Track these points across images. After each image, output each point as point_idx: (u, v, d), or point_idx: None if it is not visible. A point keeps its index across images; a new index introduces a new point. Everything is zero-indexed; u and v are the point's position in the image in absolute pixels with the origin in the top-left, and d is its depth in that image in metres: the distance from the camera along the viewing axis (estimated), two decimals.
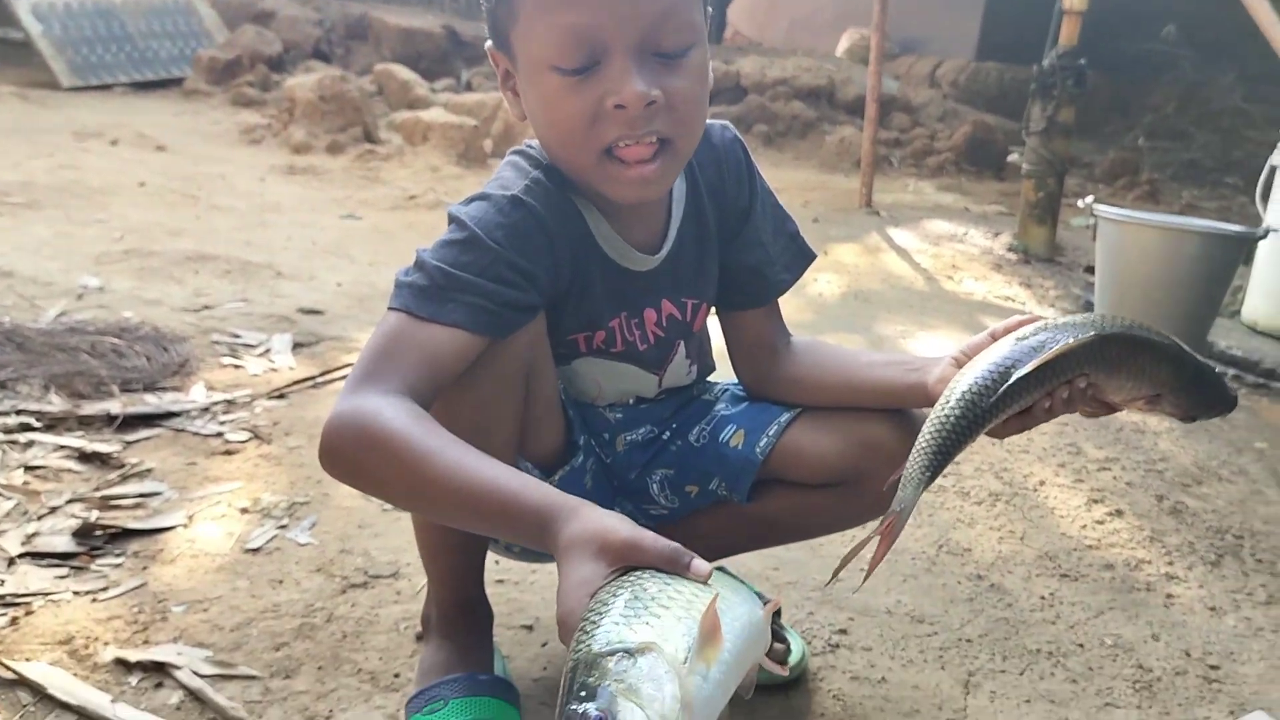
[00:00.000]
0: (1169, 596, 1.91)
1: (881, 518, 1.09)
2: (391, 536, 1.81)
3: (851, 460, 1.31)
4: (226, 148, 5.47)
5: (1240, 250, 3.19)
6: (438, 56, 7.15)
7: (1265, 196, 3.82)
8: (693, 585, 0.86)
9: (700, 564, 0.88)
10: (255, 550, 1.73)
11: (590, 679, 0.77)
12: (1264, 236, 3.28)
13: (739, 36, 11.86)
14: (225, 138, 5.69)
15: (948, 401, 1.08)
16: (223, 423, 2.21)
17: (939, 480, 2.20)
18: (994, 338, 1.16)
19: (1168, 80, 8.71)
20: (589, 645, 0.79)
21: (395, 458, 0.97)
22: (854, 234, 4.82)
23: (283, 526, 1.82)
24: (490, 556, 1.49)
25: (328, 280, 3.31)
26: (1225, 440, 2.73)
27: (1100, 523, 2.15)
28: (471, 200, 1.17)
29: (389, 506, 1.91)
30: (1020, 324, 1.14)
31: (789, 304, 1.46)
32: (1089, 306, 3.63)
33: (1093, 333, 1.09)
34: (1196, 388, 1.18)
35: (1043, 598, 1.85)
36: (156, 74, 6.78)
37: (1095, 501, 2.24)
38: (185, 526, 1.78)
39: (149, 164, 4.77)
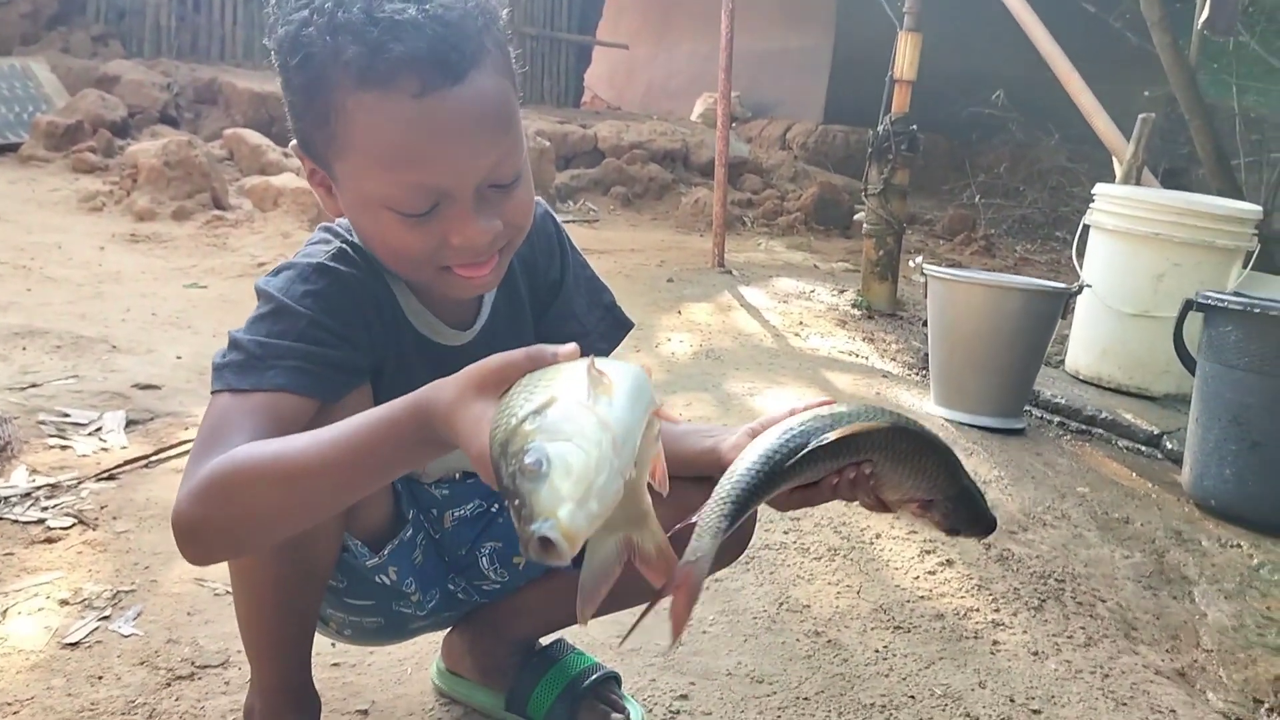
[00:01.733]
0: (995, 643, 1.99)
1: (675, 571, 1.10)
2: (222, 623, 1.75)
3: (669, 524, 1.34)
4: (65, 216, 5.26)
5: (1059, 304, 3.39)
6: (289, 107, 7.01)
7: (1081, 253, 4.09)
8: (567, 365, 0.91)
9: (565, 347, 0.93)
10: (74, 645, 1.66)
11: (514, 447, 0.82)
12: (1079, 291, 3.49)
13: (597, 101, 12.07)
14: (64, 205, 5.47)
15: (747, 458, 1.09)
16: (45, 509, 2.12)
17: (781, 537, 2.27)
18: (793, 413, 1.19)
19: (999, 142, 9.23)
20: (503, 429, 0.84)
21: (255, 479, 0.98)
22: (707, 293, 4.93)
23: (105, 618, 1.75)
24: (324, 641, 1.46)
25: (167, 353, 3.21)
26: (1050, 486, 2.88)
27: (932, 573, 2.23)
28: (277, 272, 1.18)
29: (215, 585, 1.85)
30: (820, 404, 1.17)
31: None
32: (925, 359, 3.80)
33: (889, 421, 1.14)
34: (965, 503, 1.22)
35: (877, 651, 1.91)
36: None
37: (927, 552, 2.33)
38: None
39: None
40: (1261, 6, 6.79)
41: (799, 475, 1.11)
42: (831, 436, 1.11)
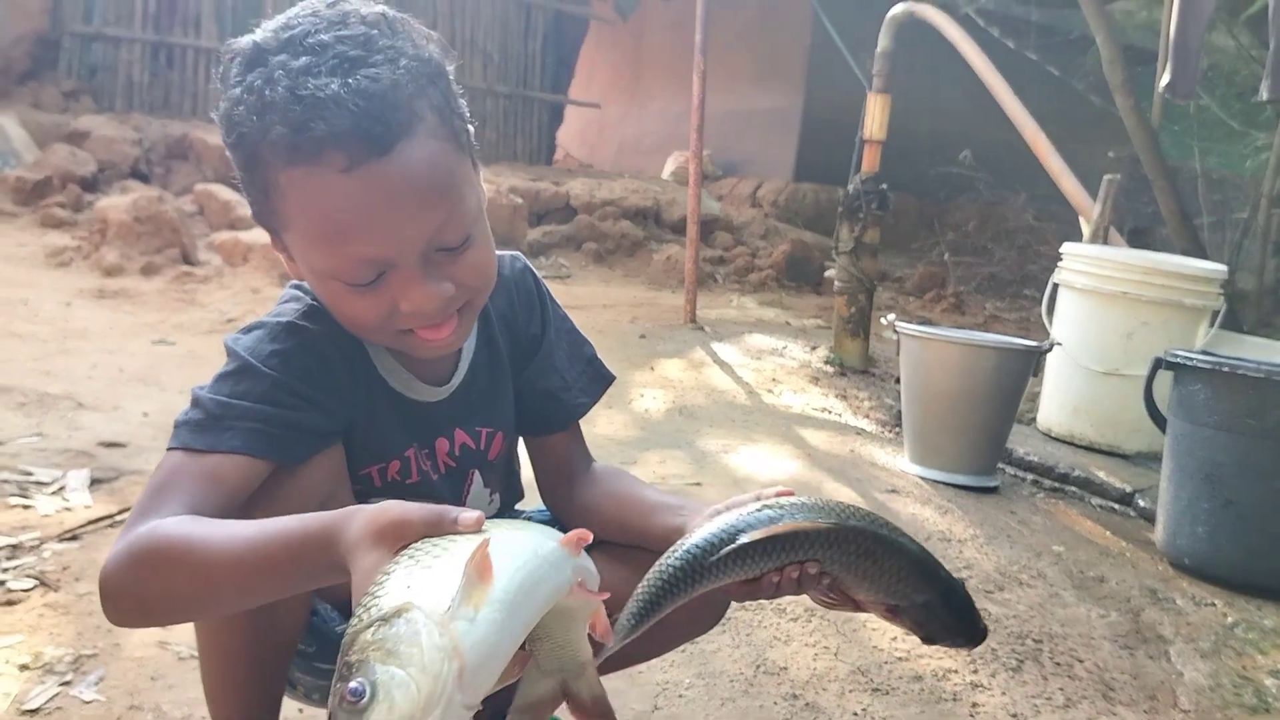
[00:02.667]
0: (974, 705, 1.97)
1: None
2: (186, 688, 1.71)
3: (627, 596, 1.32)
4: (31, 271, 5.21)
5: (1031, 362, 3.42)
6: (238, 183, 6.99)
7: (1051, 311, 4.13)
8: (470, 538, 0.83)
9: (468, 514, 0.86)
10: (33, 712, 1.61)
11: (350, 658, 0.73)
12: (1050, 349, 3.52)
13: (569, 159, 12.16)
14: (30, 261, 5.42)
15: (674, 552, 1.04)
16: (5, 570, 2.06)
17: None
18: (758, 499, 1.13)
19: (967, 200, 9.38)
20: (351, 628, 0.76)
21: (172, 562, 0.95)
22: (679, 349, 4.93)
23: (66, 683, 1.70)
24: (293, 705, 1.42)
25: (134, 410, 3.17)
26: (1025, 545, 2.88)
27: (909, 635, 2.21)
28: (248, 330, 1.17)
29: (180, 649, 1.80)
30: (781, 494, 1.11)
31: (616, 421, 1.48)
32: (899, 416, 3.80)
33: (832, 520, 1.06)
34: (939, 611, 1.14)
35: (855, 714, 1.88)
36: None
37: None
38: None
39: None
40: (1220, 70, 6.98)
41: (729, 574, 1.05)
42: (755, 535, 1.04)
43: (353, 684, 0.71)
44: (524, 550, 0.84)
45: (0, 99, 7.58)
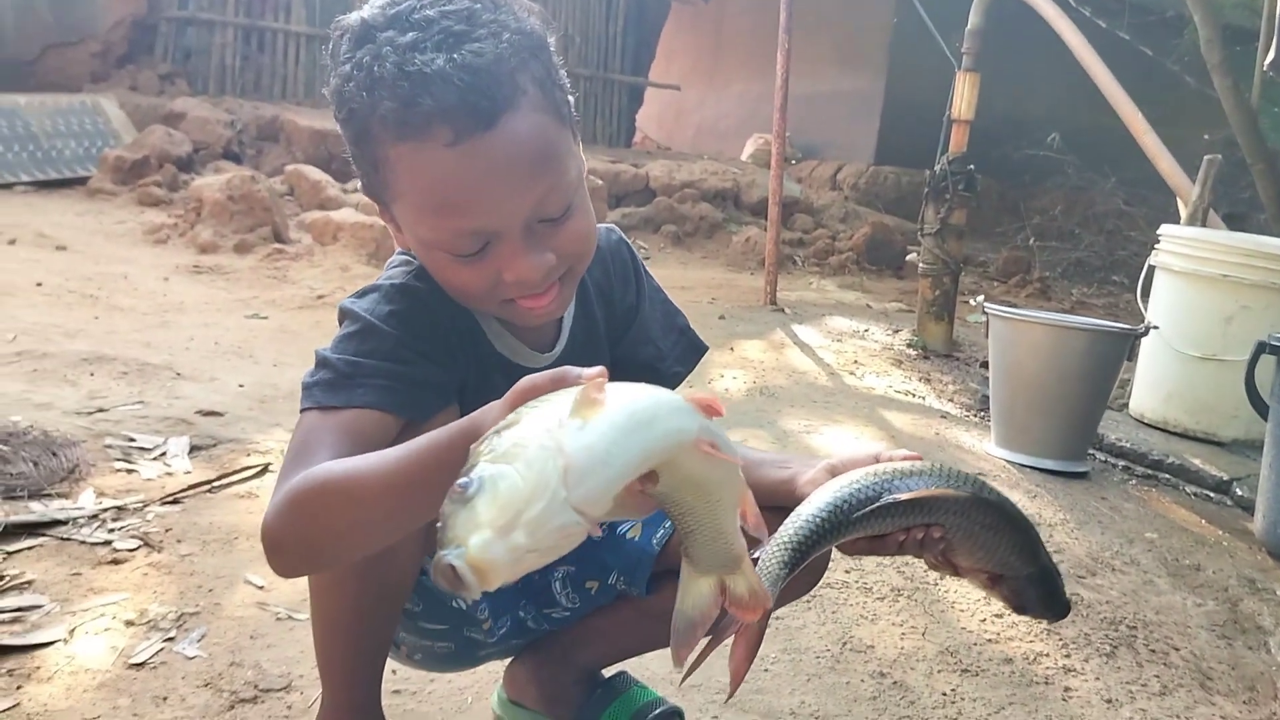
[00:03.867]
0: (1067, 690, 1.94)
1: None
2: (285, 647, 1.75)
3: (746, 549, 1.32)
4: (130, 248, 5.37)
5: (1124, 346, 3.33)
6: (349, 158, 7.13)
7: (1146, 294, 4.02)
8: (577, 388, 0.82)
9: (592, 370, 0.85)
10: (139, 665, 1.66)
11: (465, 469, 0.75)
12: (1145, 333, 3.43)
13: (648, 141, 12.16)
14: (129, 237, 5.59)
15: (815, 503, 1.08)
16: (111, 530, 2.14)
17: (843, 576, 2.23)
18: (877, 460, 1.17)
19: (1054, 184, 9.16)
20: (471, 450, 0.78)
21: (329, 498, 0.98)
22: (759, 330, 4.91)
23: (170, 639, 1.75)
24: (389, 666, 1.45)
25: (229, 381, 3.25)
26: (1117, 531, 2.81)
27: (999, 616, 2.18)
28: (362, 293, 1.20)
29: (279, 609, 1.85)
30: (906, 459, 1.15)
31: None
32: (985, 400, 3.74)
33: (969, 491, 1.11)
34: (1037, 586, 1.19)
35: (944, 694, 1.86)
36: (61, 173, 6.66)
37: None
38: (65, 642, 1.71)
39: (48, 264, 4.65)
40: None
41: (866, 527, 1.09)
42: (905, 496, 1.09)
43: (461, 479, 0.73)
44: (642, 390, 0.84)
45: (100, 81, 7.84)
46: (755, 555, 1.01)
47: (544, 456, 0.73)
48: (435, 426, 1.10)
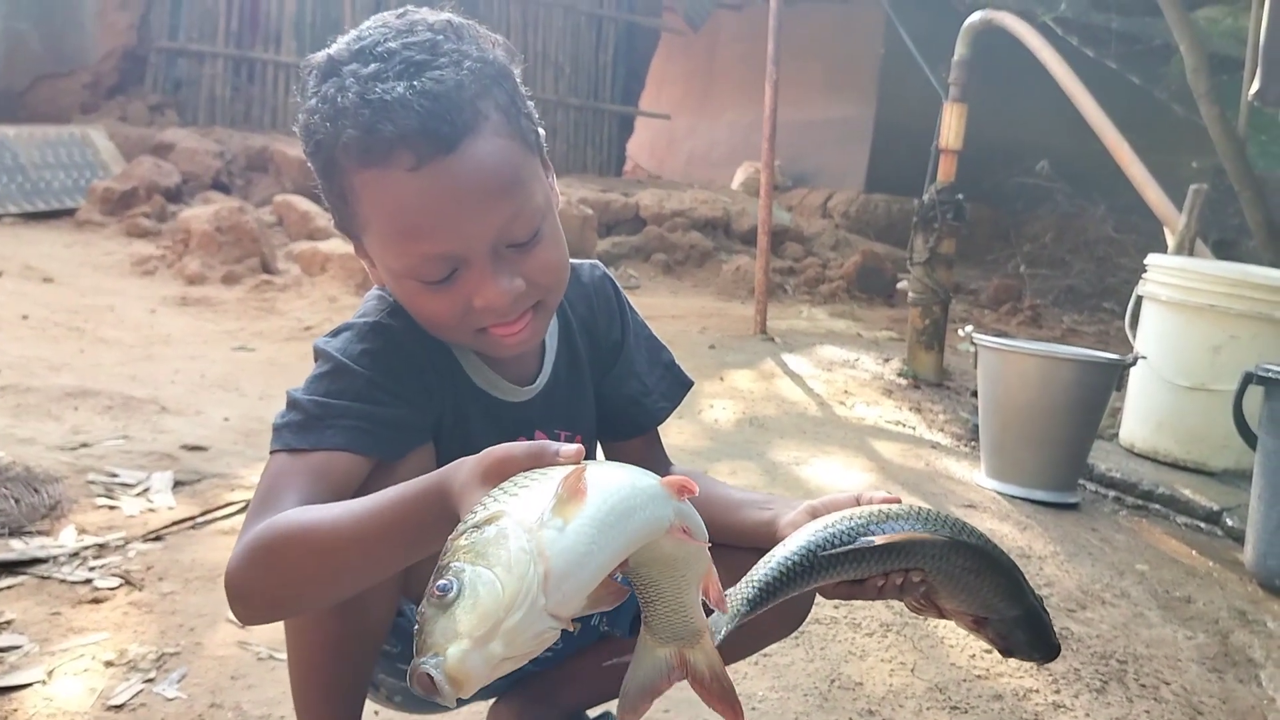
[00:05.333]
0: None
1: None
2: (266, 688, 1.73)
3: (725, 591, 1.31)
4: (117, 279, 5.36)
5: (1113, 376, 3.33)
6: (319, 193, 7.09)
7: (1134, 324, 4.03)
8: (557, 470, 0.83)
9: (569, 446, 0.87)
10: (118, 707, 1.64)
11: (442, 561, 0.76)
12: (1134, 363, 3.43)
13: (638, 170, 12.20)
14: (117, 269, 5.58)
15: (788, 545, 1.07)
16: (92, 568, 2.12)
17: (831, 612, 2.21)
18: (858, 502, 1.16)
19: (1044, 211, 9.21)
20: (449, 537, 0.78)
21: (293, 548, 0.97)
22: (749, 360, 4.90)
23: (149, 680, 1.73)
24: (370, 707, 1.43)
25: (215, 415, 3.23)
26: (1108, 563, 2.80)
27: (988, 651, 2.16)
28: (336, 332, 1.20)
29: (260, 649, 1.83)
30: (886, 500, 1.14)
31: (686, 431, 1.47)
32: (976, 430, 3.74)
33: (947, 534, 1.09)
34: (1024, 628, 1.17)
35: None
36: (49, 204, 6.65)
37: None
38: (44, 683, 1.69)
39: (34, 296, 4.64)
40: None
41: (841, 572, 1.08)
42: (879, 540, 1.07)
43: (441, 581, 0.73)
44: (621, 479, 0.84)
45: (90, 112, 7.85)
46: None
47: (524, 561, 0.74)
48: (408, 466, 1.10)
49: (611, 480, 0.83)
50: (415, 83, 1.04)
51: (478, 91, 1.08)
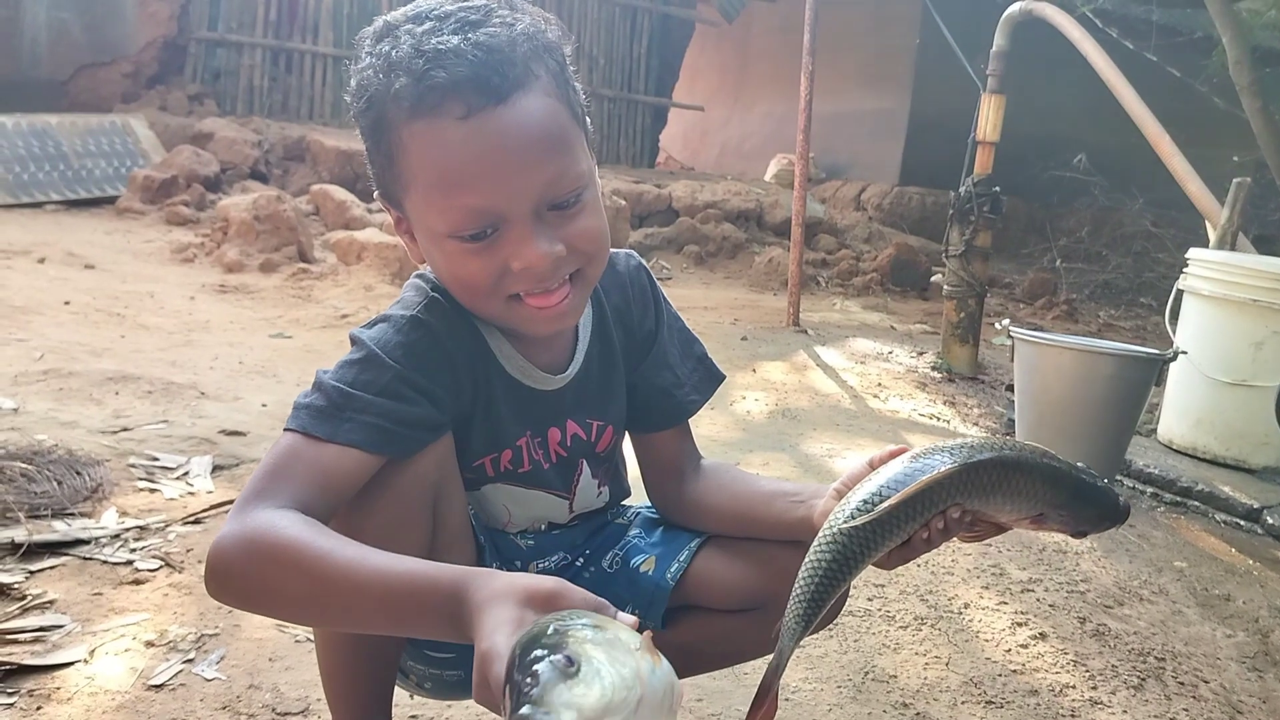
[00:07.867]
0: None
1: (763, 678, 1.07)
2: (303, 670, 1.75)
3: (762, 585, 1.31)
4: (157, 266, 5.42)
5: (1153, 371, 3.29)
6: (367, 162, 7.12)
7: (1174, 318, 3.97)
8: (619, 624, 0.85)
9: (629, 617, 0.87)
10: (158, 687, 1.66)
11: (551, 640, 0.78)
12: (1174, 358, 3.39)
13: (671, 161, 12.18)
14: (157, 256, 5.64)
15: (818, 545, 1.06)
16: (133, 550, 2.14)
17: (865, 604, 2.20)
18: (871, 466, 1.16)
19: (1081, 205, 9.11)
20: (550, 626, 0.80)
21: (291, 563, 0.96)
22: (782, 352, 4.89)
23: (189, 660, 1.75)
24: (402, 694, 1.44)
25: (253, 401, 3.26)
26: (1145, 560, 2.77)
27: (1024, 646, 2.15)
28: (373, 323, 1.20)
29: (297, 632, 1.85)
30: (893, 454, 1.14)
31: (718, 423, 1.47)
32: (1011, 424, 3.70)
33: (957, 463, 1.08)
34: (1080, 503, 1.15)
35: None
36: (90, 192, 6.74)
37: (1019, 624, 2.24)
38: (86, 662, 1.71)
39: (76, 282, 4.70)
40: None
41: (876, 550, 1.07)
42: (889, 503, 1.06)
43: (566, 651, 0.76)
44: (664, 667, 0.85)
45: (131, 102, 7.94)
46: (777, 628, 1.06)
47: (631, 678, 0.77)
48: (422, 461, 1.12)
49: (660, 668, 0.84)
50: (470, 35, 1.06)
51: (529, 53, 1.10)
